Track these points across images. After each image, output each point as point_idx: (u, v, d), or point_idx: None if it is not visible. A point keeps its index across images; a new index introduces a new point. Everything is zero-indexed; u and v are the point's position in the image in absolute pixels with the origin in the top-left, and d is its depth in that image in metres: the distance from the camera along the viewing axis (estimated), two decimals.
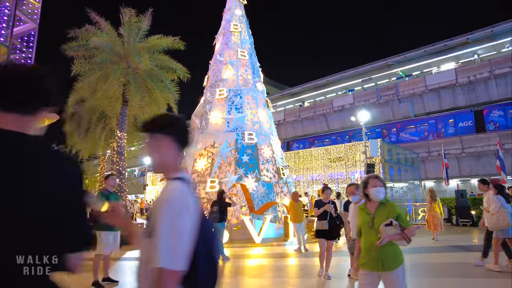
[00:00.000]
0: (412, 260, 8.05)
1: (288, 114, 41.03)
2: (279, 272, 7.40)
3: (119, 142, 13.06)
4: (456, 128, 31.00)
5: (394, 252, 3.09)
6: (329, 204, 6.61)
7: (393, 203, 3.23)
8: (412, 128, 33.72)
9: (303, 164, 24.28)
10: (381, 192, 3.16)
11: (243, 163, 13.41)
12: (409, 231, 3.01)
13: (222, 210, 8.67)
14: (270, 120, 15.35)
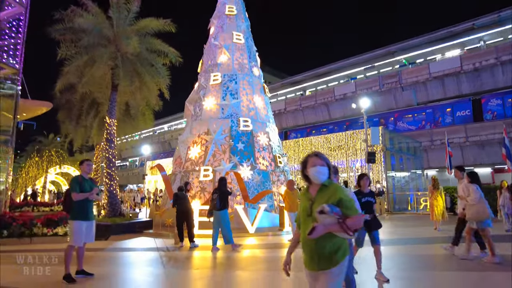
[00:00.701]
0: (411, 252, 7.58)
1: (289, 103, 40.40)
2: (272, 264, 6.95)
3: (109, 130, 12.57)
4: (453, 117, 30.57)
5: (334, 248, 2.48)
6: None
7: (337, 185, 2.63)
8: (409, 118, 33.25)
9: (302, 153, 23.74)
10: (322, 172, 2.59)
11: (238, 150, 12.92)
12: (353, 220, 2.42)
13: (223, 198, 8.35)
14: (267, 106, 14.79)
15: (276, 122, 19.77)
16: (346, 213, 2.44)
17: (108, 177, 12.34)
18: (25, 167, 35.06)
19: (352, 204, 2.52)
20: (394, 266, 6.19)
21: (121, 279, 5.72)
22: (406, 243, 8.90)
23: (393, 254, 7.33)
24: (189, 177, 13.00)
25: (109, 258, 7.45)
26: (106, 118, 12.77)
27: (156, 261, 7.04)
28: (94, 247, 8.62)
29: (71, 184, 5.87)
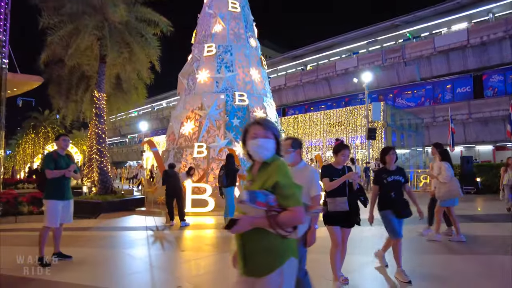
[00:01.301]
0: (409, 234, 7.20)
1: (289, 79, 39.50)
2: None
3: (98, 104, 12.01)
4: (453, 94, 30.02)
5: (268, 248, 1.86)
6: (354, 172, 4.43)
7: (279, 163, 1.93)
8: (409, 94, 32.71)
9: (301, 130, 23.25)
10: (263, 146, 1.94)
11: (233, 126, 12.39)
12: (287, 216, 1.80)
13: (229, 174, 8.09)
14: (264, 80, 14.12)
15: (276, 98, 19.21)
16: (281, 203, 1.81)
17: (98, 154, 11.90)
18: (22, 144, 34.71)
19: (292, 191, 1.85)
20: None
21: (101, 261, 5.35)
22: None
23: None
24: (182, 153, 12.56)
25: (94, 238, 7.10)
26: (94, 92, 12.18)
27: (143, 241, 6.68)
28: (80, 226, 8.30)
29: (44, 160, 5.42)
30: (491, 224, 8.30)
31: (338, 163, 4.09)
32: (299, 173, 3.09)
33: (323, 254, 5.01)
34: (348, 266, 4.75)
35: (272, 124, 2.07)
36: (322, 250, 5.92)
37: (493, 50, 27.00)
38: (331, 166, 4.13)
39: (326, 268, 4.73)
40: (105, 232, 7.70)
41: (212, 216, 9.73)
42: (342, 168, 4.08)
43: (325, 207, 4.02)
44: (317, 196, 3.14)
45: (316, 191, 3.12)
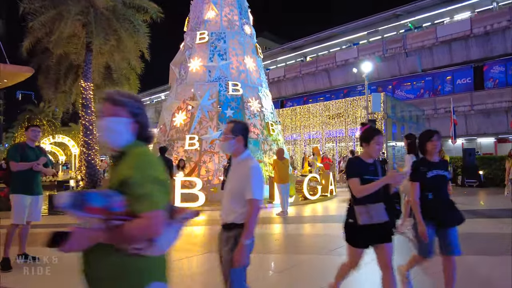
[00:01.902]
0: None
1: (289, 70, 38.85)
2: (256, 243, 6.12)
3: (85, 94, 11.50)
4: (453, 85, 29.53)
5: (113, 273, 1.35)
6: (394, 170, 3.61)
7: (140, 152, 1.45)
8: (408, 86, 32.20)
9: (299, 122, 22.68)
10: (110, 128, 1.48)
11: (226, 117, 11.85)
12: (136, 225, 1.30)
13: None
14: (259, 69, 13.54)
15: (275, 90, 18.74)
16: (131, 207, 1.32)
17: (85, 146, 11.42)
18: (18, 137, 34.26)
19: (146, 190, 1.33)
20: None
21: (70, 264, 4.86)
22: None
23: None
24: (173, 146, 12.05)
25: None
26: (80, 81, 11.64)
27: None
28: (60, 222, 7.84)
29: (9, 152, 4.97)
30: (495, 220, 7.82)
31: (369, 155, 2.93)
32: (237, 167, 2.51)
33: (314, 255, 4.56)
34: None
35: (127, 97, 1.53)
36: (315, 250, 5.40)
37: (497, 40, 26.32)
38: (360, 160, 2.96)
39: (318, 272, 4.25)
40: None
41: (202, 211, 9.25)
42: (374, 162, 2.94)
43: (351, 220, 2.86)
44: (254, 202, 2.33)
45: (252, 193, 2.32)
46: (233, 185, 2.46)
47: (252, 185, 2.33)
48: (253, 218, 2.34)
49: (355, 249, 2.96)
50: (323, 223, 7.66)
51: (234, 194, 2.41)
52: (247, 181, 2.34)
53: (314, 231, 6.97)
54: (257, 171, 2.41)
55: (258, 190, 2.35)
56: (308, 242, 6.04)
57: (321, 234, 6.60)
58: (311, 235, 6.64)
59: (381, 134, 2.97)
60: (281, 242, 6.08)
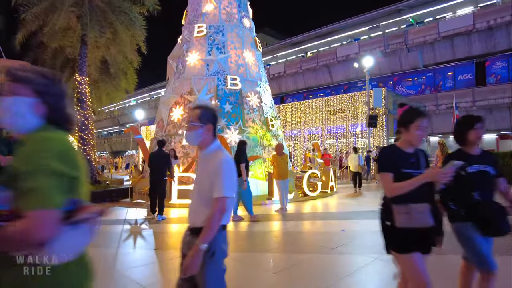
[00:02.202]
0: None
1: (289, 66, 38.51)
2: (253, 241, 5.88)
3: (80, 88, 11.23)
4: (455, 81, 29.30)
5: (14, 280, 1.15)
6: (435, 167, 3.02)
7: (39, 138, 1.19)
8: (409, 82, 31.97)
9: (300, 117, 22.41)
10: (6, 109, 1.23)
11: (225, 112, 11.62)
12: (18, 227, 1.07)
13: (238, 163, 7.10)
14: (258, 63, 13.27)
15: (275, 86, 18.35)
16: (18, 204, 1.10)
17: (80, 141, 11.17)
18: None
19: (35, 183, 1.08)
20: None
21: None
22: None
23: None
24: (171, 141, 11.81)
25: None
26: (75, 75, 11.38)
27: (114, 238, 5.99)
28: None
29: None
30: None
31: (409, 143, 2.36)
32: (205, 161, 2.12)
33: (313, 254, 4.31)
34: (347, 267, 4.05)
35: (33, 73, 1.31)
36: (315, 249, 5.18)
37: (500, 35, 25.98)
38: (396, 149, 2.40)
39: (318, 272, 4.03)
40: None
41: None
42: (415, 152, 2.38)
43: (388, 222, 2.33)
44: (222, 200, 1.95)
45: (220, 191, 1.95)
46: (201, 182, 2.07)
47: (222, 181, 1.96)
48: (215, 219, 1.93)
49: (406, 257, 2.27)
50: (323, 220, 7.44)
51: (203, 193, 2.03)
52: (216, 176, 1.98)
53: (313, 229, 6.74)
54: (229, 165, 2.06)
55: (228, 187, 1.98)
56: (308, 240, 5.81)
57: (321, 232, 6.37)
58: (310, 233, 6.42)
59: (425, 116, 2.36)
60: (280, 240, 5.85)
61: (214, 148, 2.14)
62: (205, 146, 2.14)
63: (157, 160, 7.50)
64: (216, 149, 2.13)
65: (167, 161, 7.57)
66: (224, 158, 2.05)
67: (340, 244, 5.26)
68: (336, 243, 5.38)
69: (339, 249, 5.03)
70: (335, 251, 4.91)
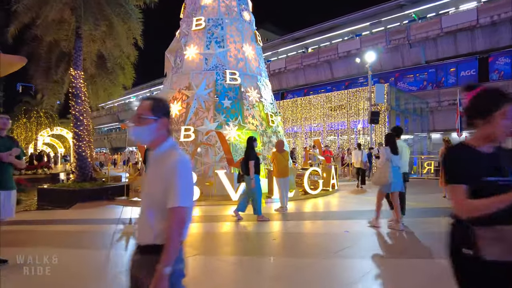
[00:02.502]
0: (414, 225, 6.18)
1: (290, 61, 38.15)
2: (252, 243, 5.60)
3: (75, 83, 10.92)
4: (457, 77, 28.93)
5: None
6: None
7: None
8: (411, 78, 31.66)
9: (300, 114, 22.07)
10: None
11: (223, 108, 11.30)
12: None
13: (247, 161, 6.98)
14: (259, 57, 12.93)
15: (275, 82, 17.98)
16: None
17: (75, 137, 10.88)
18: (15, 130, 33.76)
19: None
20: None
21: (40, 265, 4.36)
22: (411, 214, 7.54)
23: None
24: None
25: (51, 234, 6.12)
26: (70, 70, 11.06)
27: (106, 239, 5.71)
28: (43, 218, 7.36)
29: None
30: None
31: (488, 138, 1.70)
32: (158, 161, 1.75)
33: (316, 259, 4.02)
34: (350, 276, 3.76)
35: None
36: (318, 252, 4.90)
37: (504, 30, 25.58)
38: (469, 149, 1.73)
39: (321, 279, 3.73)
40: (66, 226, 6.72)
41: (197, 207, 8.75)
42: (495, 152, 1.72)
43: (467, 250, 1.59)
44: (179, 211, 1.62)
45: (176, 200, 1.62)
46: (152, 189, 1.72)
47: (177, 188, 1.63)
48: (175, 235, 1.61)
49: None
50: (324, 220, 7.16)
51: (154, 203, 1.68)
52: (170, 182, 1.63)
53: (315, 229, 6.45)
54: (185, 167, 1.70)
55: (185, 195, 1.65)
56: (309, 243, 5.52)
57: (322, 233, 6.09)
58: (312, 234, 6.12)
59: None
60: (280, 242, 5.56)
61: (168, 147, 1.78)
62: (157, 145, 1.79)
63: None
64: (170, 148, 1.78)
65: None
66: (179, 158, 1.70)
67: (344, 247, 4.98)
68: (340, 245, 5.10)
69: (343, 252, 4.75)
70: (339, 255, 4.62)
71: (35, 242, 5.41)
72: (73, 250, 5.02)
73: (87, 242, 5.56)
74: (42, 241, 5.51)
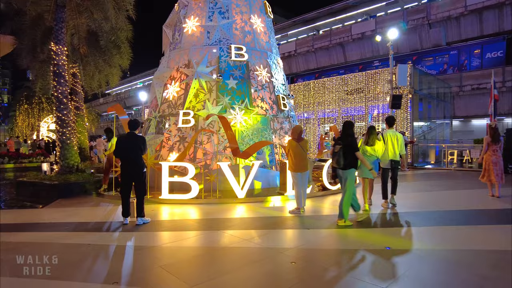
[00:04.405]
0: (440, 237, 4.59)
1: (300, 44, 36.22)
2: (252, 272, 4.10)
3: (56, 60, 9.44)
4: (482, 59, 26.75)
5: None
6: None
7: None
8: (429, 61, 29.56)
9: (313, 98, 20.35)
10: None
11: (228, 89, 9.75)
12: None
13: (348, 151, 5.57)
14: (269, 31, 11.26)
15: (285, 66, 16.28)
16: None
17: (59, 123, 9.47)
18: (18, 116, 32.73)
19: None
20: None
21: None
22: (432, 220, 5.98)
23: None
24: (165, 123, 10.04)
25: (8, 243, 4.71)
26: (51, 44, 9.57)
27: (72, 255, 4.29)
28: (7, 221, 5.99)
29: None
30: None
31: None
32: None
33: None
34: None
35: None
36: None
37: None
38: None
39: None
40: (28, 236, 5.30)
41: (195, 206, 7.30)
42: None
43: None
44: None
45: None
46: None
47: None
48: None
49: None
50: (359, 229, 5.53)
51: None
52: None
53: (345, 244, 4.84)
54: None
55: None
56: (342, 269, 3.99)
57: (356, 249, 4.55)
58: (342, 253, 4.51)
59: None
60: (300, 266, 3.99)
61: None
62: None
63: (130, 146, 5.65)
64: None
65: (144, 147, 5.73)
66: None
67: (391, 279, 3.46)
68: (384, 274, 3.59)
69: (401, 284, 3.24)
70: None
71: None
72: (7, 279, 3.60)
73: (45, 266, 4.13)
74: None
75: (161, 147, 9.79)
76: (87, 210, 7.04)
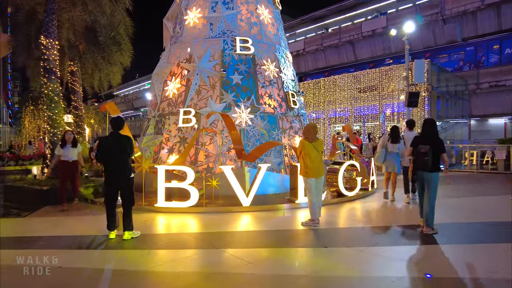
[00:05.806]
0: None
1: (309, 43, 35.41)
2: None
3: (47, 55, 8.74)
4: (501, 55, 25.53)
5: None
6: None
7: None
8: (444, 58, 28.43)
9: (324, 96, 19.42)
10: None
11: (232, 85, 8.92)
12: None
13: (435, 152, 5.02)
14: (277, 23, 10.41)
15: (293, 65, 15.30)
16: None
17: (49, 122, 8.76)
18: (25, 119, 32.43)
19: None
20: None
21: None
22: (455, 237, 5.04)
23: None
24: (164, 122, 9.24)
25: None
26: (41, 38, 8.87)
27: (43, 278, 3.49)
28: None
29: None
30: None
31: None
32: None
33: None
34: None
35: None
36: None
37: None
38: None
39: None
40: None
41: (195, 215, 6.47)
42: None
43: None
44: None
45: None
46: None
47: None
48: None
49: None
50: (382, 247, 4.60)
51: None
52: None
53: (372, 270, 3.91)
54: None
55: None
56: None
57: (388, 276, 3.66)
58: (370, 280, 3.63)
59: None
60: None
61: None
62: None
63: (115, 149, 4.84)
64: None
65: (131, 149, 4.90)
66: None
67: None
68: None
69: None
70: None
71: None
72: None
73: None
74: None
75: (160, 148, 9.01)
76: (72, 220, 6.26)
